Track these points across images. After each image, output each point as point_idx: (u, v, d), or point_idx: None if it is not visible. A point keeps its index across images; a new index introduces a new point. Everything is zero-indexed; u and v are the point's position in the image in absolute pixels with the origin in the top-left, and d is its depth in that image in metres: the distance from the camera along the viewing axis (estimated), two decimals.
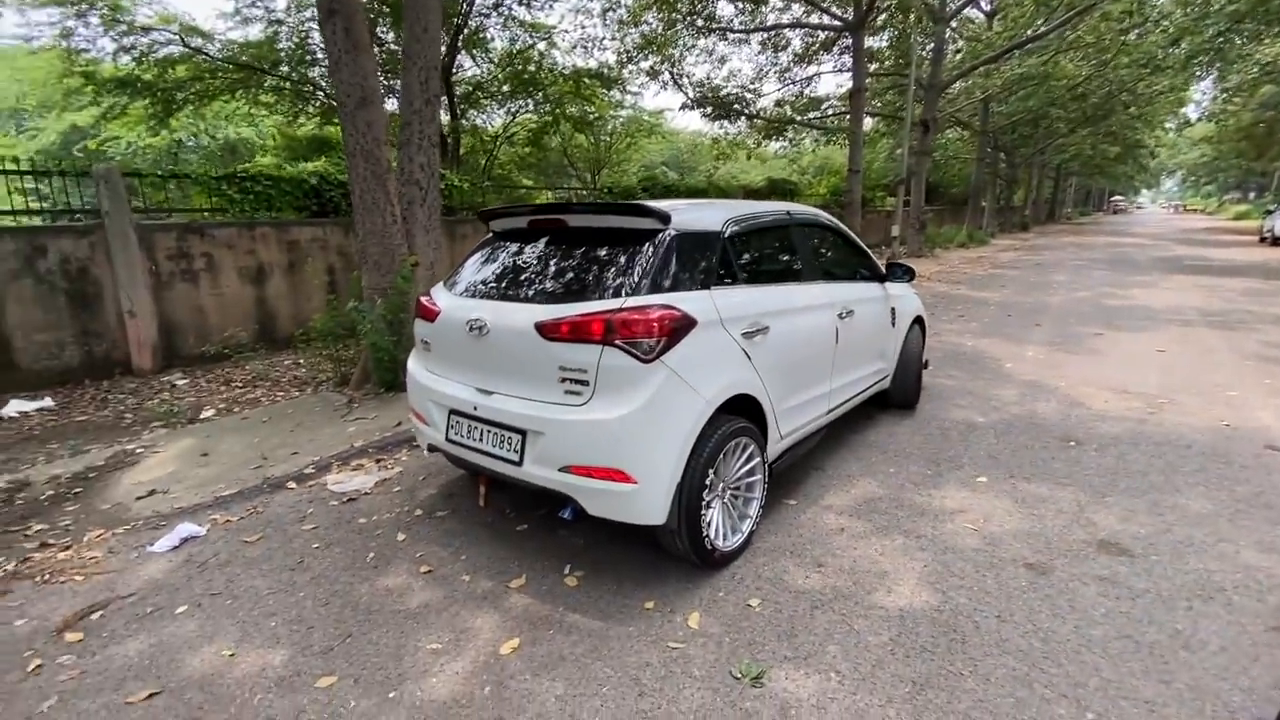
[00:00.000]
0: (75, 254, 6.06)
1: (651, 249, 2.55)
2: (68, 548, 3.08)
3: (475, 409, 2.67)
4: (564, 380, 2.42)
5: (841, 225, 3.99)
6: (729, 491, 2.76)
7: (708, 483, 2.51)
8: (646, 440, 2.34)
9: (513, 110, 18.04)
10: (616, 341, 2.32)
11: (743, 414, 2.78)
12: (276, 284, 7.43)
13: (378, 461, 4.01)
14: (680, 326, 2.41)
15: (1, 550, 3.06)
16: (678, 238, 2.61)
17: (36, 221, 6.52)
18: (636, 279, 2.48)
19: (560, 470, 2.43)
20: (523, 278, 2.79)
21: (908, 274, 4.19)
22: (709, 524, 2.59)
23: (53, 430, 4.96)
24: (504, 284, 2.82)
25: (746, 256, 3.02)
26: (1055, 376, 5.57)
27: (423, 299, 3.08)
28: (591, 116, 18.67)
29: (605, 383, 2.35)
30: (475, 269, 3.04)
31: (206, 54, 12.80)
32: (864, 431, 4.32)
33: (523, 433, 2.52)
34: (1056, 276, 13.23)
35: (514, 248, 2.96)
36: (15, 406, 5.41)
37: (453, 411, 2.82)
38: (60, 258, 5.99)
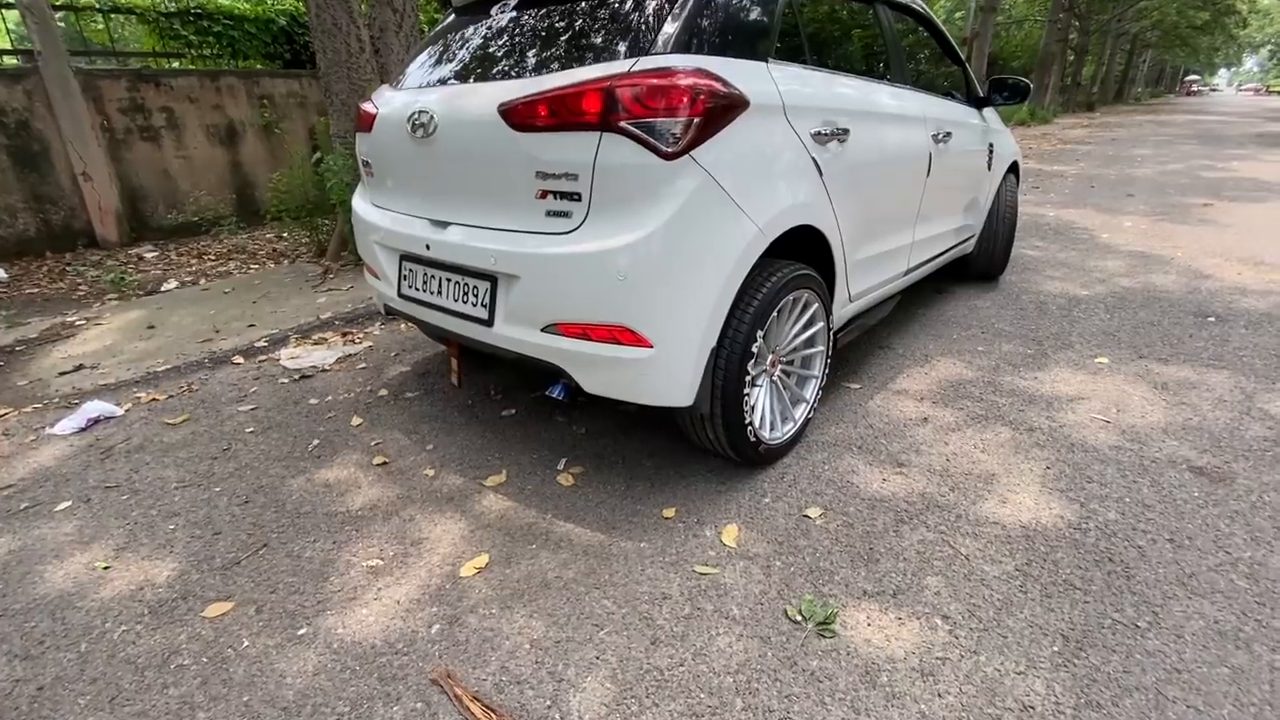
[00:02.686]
0: (11, 103, 5.21)
1: None
2: None
3: (428, 248, 1.91)
4: (545, 195, 1.62)
5: (938, 21, 2.93)
6: (779, 366, 2.01)
7: (754, 350, 1.75)
8: (669, 283, 1.56)
9: None
10: (623, 123, 1.48)
11: (803, 258, 1.97)
12: (252, 146, 6.54)
13: (344, 335, 3.33)
14: (722, 104, 1.56)
15: None
16: None
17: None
18: (654, 31, 1.59)
19: (544, 330, 1.69)
20: (487, 53, 1.92)
21: (1018, 94, 3.13)
22: (753, 408, 1.86)
23: None
24: (461, 66, 1.96)
25: (816, 26, 2.08)
26: (1167, 247, 4.58)
27: (362, 104, 2.24)
28: None
29: (606, 192, 1.54)
30: (430, 60, 2.15)
31: None
32: (936, 305, 3.49)
33: (491, 278, 1.76)
34: (1138, 151, 11.59)
35: (483, 24, 2.06)
36: None
37: (404, 256, 2.06)
38: None
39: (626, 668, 1.32)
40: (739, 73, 1.64)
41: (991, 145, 3.28)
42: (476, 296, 1.82)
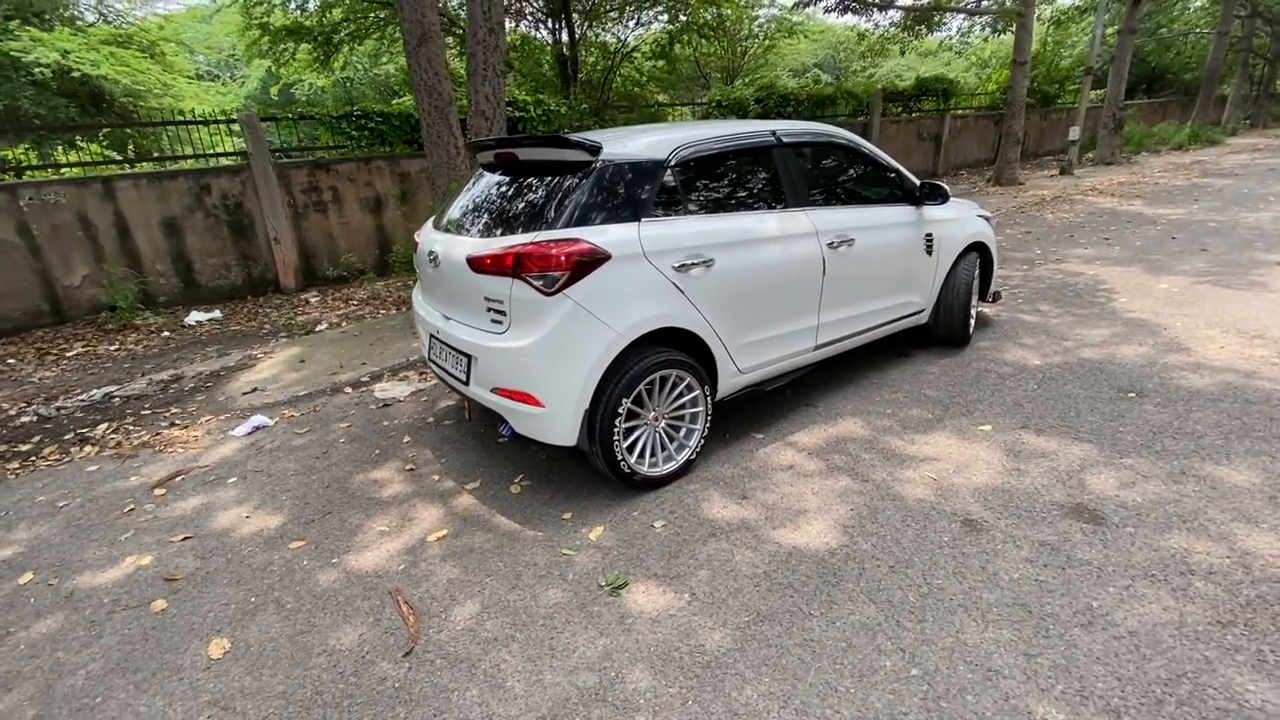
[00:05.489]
0: (231, 190, 7.29)
1: (578, 181, 2.61)
2: (185, 428, 4.02)
3: (438, 333, 3.00)
4: (489, 310, 2.64)
5: (861, 143, 3.60)
6: (664, 421, 2.85)
7: (621, 411, 2.62)
8: (551, 368, 2.50)
9: (643, 21, 17.52)
10: (523, 275, 2.46)
11: (681, 347, 2.81)
12: (391, 213, 8.33)
13: (420, 374, 4.59)
14: (588, 260, 2.48)
15: (145, 425, 4.07)
16: (605, 169, 2.62)
17: (228, 163, 7.86)
18: (557, 212, 2.56)
19: (492, 390, 2.70)
20: (476, 211, 2.99)
21: (939, 195, 3.70)
22: (629, 449, 2.73)
23: (214, 336, 6.23)
24: (462, 218, 3.05)
25: (700, 184, 2.92)
26: (1176, 315, 4.66)
27: (416, 235, 3.41)
28: (727, 21, 17.64)
29: (517, 313, 2.52)
30: (454, 203, 3.28)
31: None
32: (886, 369, 4.05)
33: (468, 356, 2.80)
34: None
35: (487, 181, 3.15)
36: (194, 316, 6.83)
37: (431, 335, 3.17)
38: (221, 194, 7.24)
39: (492, 598, 2.26)
40: (608, 233, 2.55)
41: (929, 234, 3.83)
42: (462, 366, 2.87)
